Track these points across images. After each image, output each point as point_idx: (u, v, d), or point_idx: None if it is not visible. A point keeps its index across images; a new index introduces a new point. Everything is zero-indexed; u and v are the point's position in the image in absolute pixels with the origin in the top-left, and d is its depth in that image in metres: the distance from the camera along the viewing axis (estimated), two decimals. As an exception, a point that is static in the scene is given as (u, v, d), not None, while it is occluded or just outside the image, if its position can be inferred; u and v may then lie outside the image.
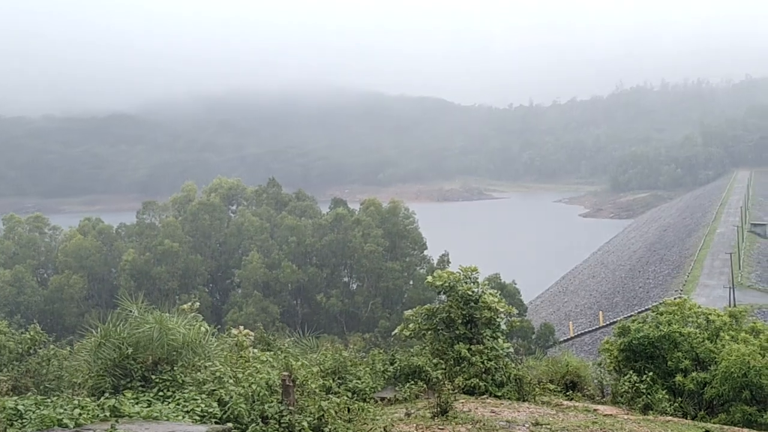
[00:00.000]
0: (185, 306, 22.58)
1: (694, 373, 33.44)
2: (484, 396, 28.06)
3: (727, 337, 35.63)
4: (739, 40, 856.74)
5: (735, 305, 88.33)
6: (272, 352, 24.44)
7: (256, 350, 24.07)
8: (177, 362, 20.02)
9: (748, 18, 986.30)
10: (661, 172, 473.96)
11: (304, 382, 20.26)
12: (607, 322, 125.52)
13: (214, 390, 18.76)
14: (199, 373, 19.63)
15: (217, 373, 19.44)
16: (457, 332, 30.64)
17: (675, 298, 42.89)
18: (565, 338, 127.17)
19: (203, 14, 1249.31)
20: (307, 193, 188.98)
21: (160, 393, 18.68)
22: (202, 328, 21.48)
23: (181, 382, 19.20)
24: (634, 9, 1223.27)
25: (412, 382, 27.27)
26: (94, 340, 20.38)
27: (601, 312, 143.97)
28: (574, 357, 36.26)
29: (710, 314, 38.92)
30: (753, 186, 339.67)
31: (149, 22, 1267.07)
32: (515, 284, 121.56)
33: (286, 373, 19.40)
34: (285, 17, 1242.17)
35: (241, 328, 25.02)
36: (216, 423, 17.33)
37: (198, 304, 23.49)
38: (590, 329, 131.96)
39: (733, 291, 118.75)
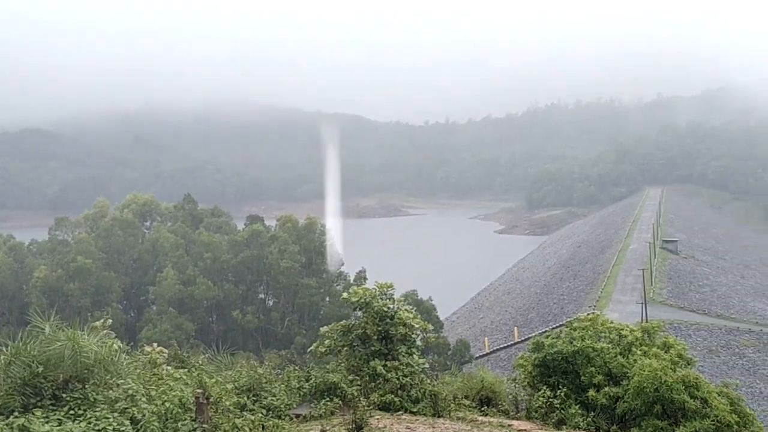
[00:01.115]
0: (98, 323, 22.24)
1: (606, 388, 33.79)
2: (400, 412, 28.08)
3: (639, 352, 36.10)
4: (650, 60, 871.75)
5: (647, 320, 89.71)
6: (186, 370, 24.21)
7: (169, 368, 23.81)
8: (89, 380, 19.69)
9: (658, 39, 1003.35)
10: (575, 189, 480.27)
11: (218, 400, 20.13)
12: (522, 338, 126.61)
13: (127, 408, 18.53)
14: (111, 392, 19.36)
15: (130, 391, 19.20)
16: (373, 348, 30.66)
17: (588, 314, 43.27)
18: (481, 354, 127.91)
19: (118, 27, 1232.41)
20: (223, 209, 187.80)
21: (71, 412, 18.37)
22: (115, 346, 21.17)
23: (92, 400, 18.89)
24: (549, 28, 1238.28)
25: (328, 398, 27.22)
26: (3, 359, 19.98)
27: (516, 328, 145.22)
28: (490, 373, 36.41)
29: (623, 329, 39.41)
30: (664, 203, 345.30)
31: (63, 36, 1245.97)
32: (431, 301, 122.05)
33: (200, 391, 19.27)
34: (202, 31, 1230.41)
35: (155, 345, 24.76)
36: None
37: (111, 321, 23.16)
38: (505, 345, 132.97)
39: (646, 306, 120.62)
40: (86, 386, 19.46)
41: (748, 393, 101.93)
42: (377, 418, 25.36)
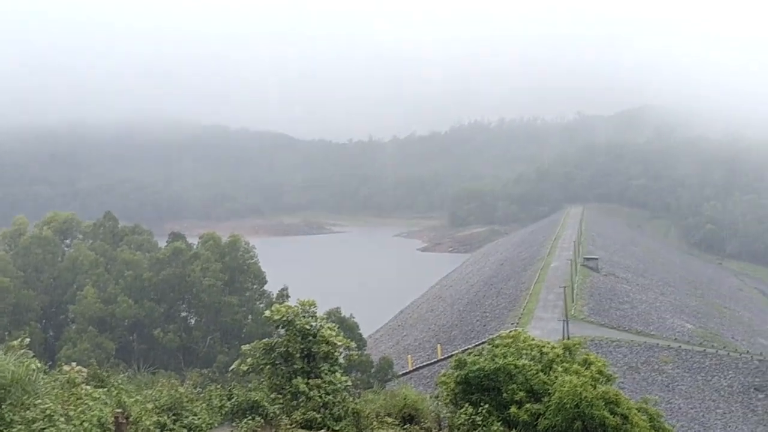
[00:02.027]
0: (15, 342, 21.88)
1: (528, 405, 33.99)
2: (322, 431, 28.01)
3: (560, 369, 36.41)
4: (572, 79, 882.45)
5: (569, 337, 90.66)
6: (106, 389, 23.89)
7: (88, 387, 23.46)
8: (5, 401, 19.35)
9: (580, 58, 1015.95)
10: (497, 207, 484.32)
11: (138, 419, 19.90)
12: (445, 355, 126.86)
13: (44, 429, 18.25)
14: (28, 412, 19.04)
15: (48, 411, 18.90)
16: (296, 366, 30.54)
17: (510, 331, 43.55)
18: (404, 372, 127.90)
19: (34, 44, 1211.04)
20: (144, 227, 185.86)
21: (-13, 432, 18.06)
22: (33, 365, 20.83)
23: (9, 421, 18.58)
24: (471, 45, 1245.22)
25: (250, 417, 27.04)
26: None
27: (439, 345, 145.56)
28: (413, 390, 36.44)
29: (544, 346, 39.72)
30: (585, 221, 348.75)
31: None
32: (354, 318, 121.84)
33: (119, 410, 19.05)
34: (122, 46, 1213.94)
35: (74, 364, 24.40)
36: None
37: (29, 340, 22.80)
38: (429, 362, 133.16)
39: (567, 324, 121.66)
40: (2, 407, 19.13)
41: (667, 409, 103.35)
42: (300, 437, 25.27)
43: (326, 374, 30.47)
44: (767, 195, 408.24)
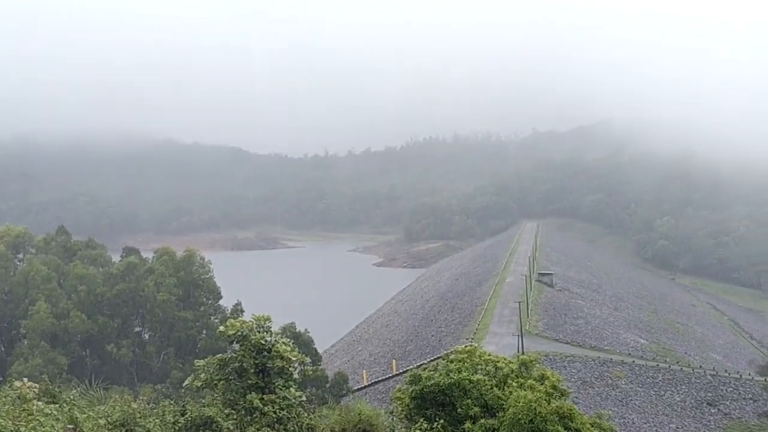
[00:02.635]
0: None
1: (483, 420, 34.05)
2: (277, 446, 27.88)
3: (515, 384, 36.55)
4: (527, 95, 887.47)
5: (523, 353, 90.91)
6: (57, 405, 23.62)
7: (40, 403, 23.20)
8: (-46, 417, 19.12)
9: (535, 73, 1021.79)
10: (453, 222, 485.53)
11: (90, 435, 19.69)
12: (401, 371, 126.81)
13: (-6, 445, 18.03)
14: (-23, 429, 18.82)
15: (-2, 428, 18.68)
16: (250, 382, 30.38)
17: (465, 346, 43.61)
18: (359, 387, 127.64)
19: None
20: (98, 241, 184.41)
21: (-65, 450, 17.81)
22: (-18, 381, 20.59)
23: (-42, 438, 18.35)
24: (425, 62, 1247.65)
25: (203, 432, 26.87)
26: None
27: (394, 360, 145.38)
28: (368, 406, 36.32)
29: (499, 362, 39.88)
30: (540, 236, 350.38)
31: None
32: (309, 333, 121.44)
33: (71, 426, 18.86)
34: (76, 59, 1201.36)
35: (25, 380, 24.13)
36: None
37: (-21, 355, 22.56)
38: (384, 378, 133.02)
39: (522, 339, 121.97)
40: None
41: (620, 424, 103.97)
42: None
43: (281, 390, 30.34)
44: (720, 211, 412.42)
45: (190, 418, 27.55)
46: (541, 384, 37.32)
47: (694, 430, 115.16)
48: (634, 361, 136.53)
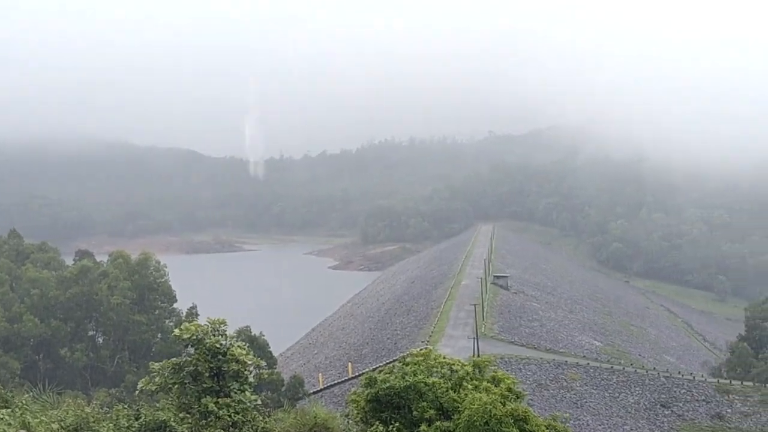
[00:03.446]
0: None
1: (438, 423, 34.06)
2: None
3: (470, 387, 36.59)
4: (483, 99, 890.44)
5: (479, 355, 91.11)
6: (9, 410, 23.41)
7: (-8, 408, 22.99)
8: None
9: (490, 77, 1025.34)
10: (409, 225, 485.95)
11: (42, 440, 19.53)
12: (356, 374, 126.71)
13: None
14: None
15: (-52, 433, 18.48)
16: (205, 386, 30.23)
17: (421, 349, 43.73)
18: (315, 390, 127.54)
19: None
20: (51, 244, 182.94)
21: None
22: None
23: None
24: (382, 65, 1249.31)
25: (158, 437, 26.71)
26: None
27: (350, 363, 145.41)
28: (323, 409, 36.26)
29: (454, 364, 39.93)
30: (496, 239, 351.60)
31: None
32: (265, 336, 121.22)
33: (23, 431, 18.69)
34: (30, 60, 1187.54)
35: (-24, 385, 23.88)
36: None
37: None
38: (340, 381, 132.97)
39: (477, 341, 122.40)
40: None
41: (575, 426, 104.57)
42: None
43: (236, 393, 30.22)
44: (673, 214, 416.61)
45: (144, 423, 27.37)
46: (497, 386, 37.40)
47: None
48: (588, 363, 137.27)
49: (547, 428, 34.96)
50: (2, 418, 21.27)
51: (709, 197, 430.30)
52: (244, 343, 32.97)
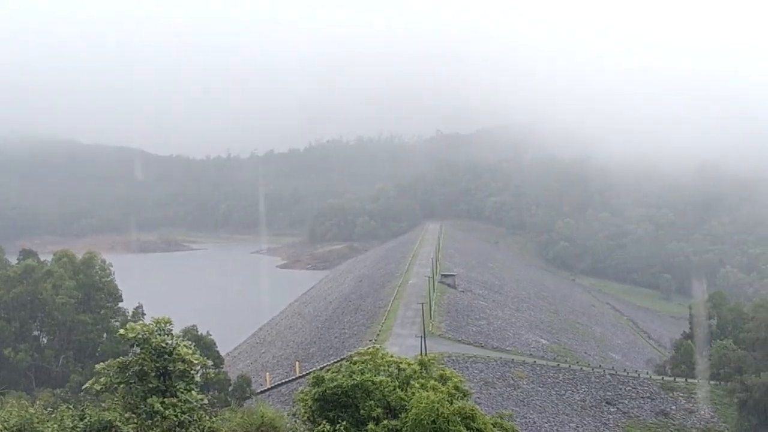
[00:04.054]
0: None
1: (385, 421, 34.16)
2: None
3: (417, 385, 36.74)
4: (430, 98, 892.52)
5: (426, 354, 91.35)
6: (-49, 411, 23.14)
7: (-67, 409, 22.70)
8: None
9: (439, 76, 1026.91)
10: (356, 224, 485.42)
11: (-15, 442, 19.32)
12: (304, 373, 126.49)
13: None
14: None
15: None
16: (151, 385, 30.08)
17: (368, 348, 43.84)
18: (263, 389, 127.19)
19: None
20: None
21: None
22: None
23: None
24: (329, 63, 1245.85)
25: (103, 437, 26.50)
26: None
27: (297, 362, 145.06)
28: (270, 408, 36.25)
29: (402, 363, 40.08)
30: (443, 238, 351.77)
31: None
32: (211, 336, 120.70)
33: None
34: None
35: None
36: None
37: None
38: (287, 380, 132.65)
39: (425, 340, 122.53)
40: None
41: (522, 423, 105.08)
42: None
43: (182, 393, 30.10)
44: (619, 213, 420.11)
45: (89, 423, 27.17)
46: (444, 385, 37.56)
47: (594, 429, 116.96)
48: (535, 362, 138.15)
49: (494, 426, 35.20)
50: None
51: (654, 197, 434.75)
52: (190, 343, 32.87)
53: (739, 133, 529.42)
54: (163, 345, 30.81)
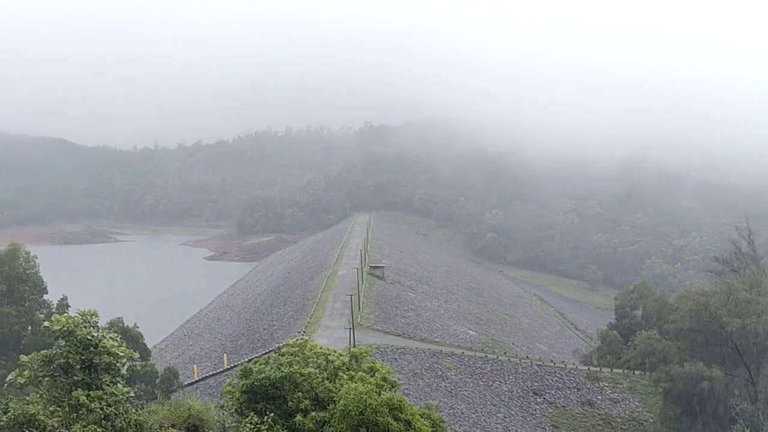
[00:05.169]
0: None
1: (313, 413, 34.13)
2: (103, 443, 27.32)
3: (346, 377, 36.76)
4: (359, 89, 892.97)
5: (355, 345, 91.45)
6: None
7: None
8: None
9: (369, 68, 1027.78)
10: (285, 215, 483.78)
11: None
12: (232, 365, 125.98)
13: None
14: None
15: None
16: (76, 378, 29.69)
17: (297, 340, 43.70)
18: (190, 382, 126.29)
19: None
20: None
21: None
22: None
23: None
24: (258, 55, 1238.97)
25: (27, 431, 26.11)
26: None
27: (225, 354, 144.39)
28: (198, 400, 36.05)
29: (330, 354, 40.09)
30: (372, 229, 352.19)
31: None
32: (138, 328, 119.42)
33: None
34: None
35: None
36: None
37: None
38: (215, 372, 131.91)
39: (354, 332, 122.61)
40: None
41: (449, 414, 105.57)
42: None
43: (108, 386, 29.75)
44: (547, 205, 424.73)
45: (12, 417, 26.76)
46: (372, 376, 37.61)
47: (521, 419, 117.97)
48: (463, 353, 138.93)
49: (422, 417, 35.32)
50: None
51: (580, 188, 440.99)
52: (116, 335, 32.52)
53: (661, 126, 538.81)
54: (89, 337, 30.41)
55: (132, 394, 31.20)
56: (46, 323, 31.93)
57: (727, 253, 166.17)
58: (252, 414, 33.82)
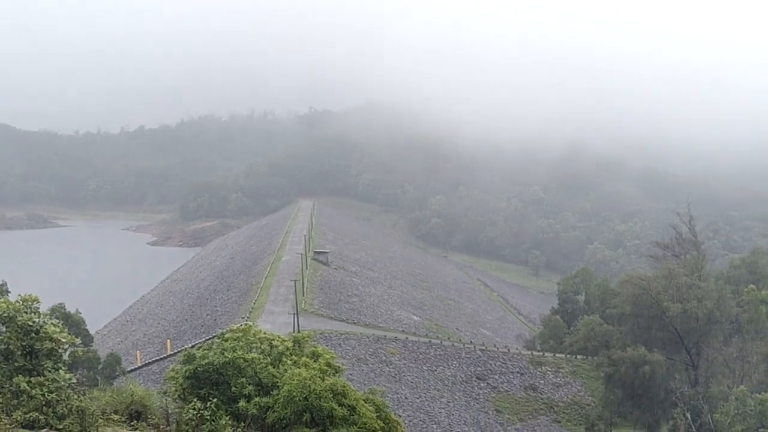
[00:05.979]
0: None
1: (257, 398, 34.07)
2: (45, 430, 27.08)
3: (290, 362, 36.73)
4: (303, 74, 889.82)
5: (299, 331, 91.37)
6: None
7: None
8: None
9: (311, 53, 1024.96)
10: (229, 200, 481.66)
11: None
12: (175, 351, 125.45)
13: None
14: None
15: None
16: (17, 364, 29.38)
17: (240, 325, 43.55)
18: (133, 368, 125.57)
19: None
20: None
21: None
22: None
23: None
24: (202, 39, 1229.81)
25: (-35, 419, 25.81)
26: None
27: (169, 340, 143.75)
28: (141, 387, 35.77)
29: (274, 340, 39.98)
30: (316, 215, 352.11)
31: None
32: (80, 314, 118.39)
33: None
34: None
35: None
36: None
37: None
38: (158, 358, 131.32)
39: (297, 317, 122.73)
40: None
41: (393, 399, 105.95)
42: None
43: (49, 372, 29.46)
44: (491, 191, 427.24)
45: (-50, 404, 26.45)
46: (316, 362, 37.65)
47: (465, 404, 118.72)
48: (407, 338, 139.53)
49: (366, 402, 35.42)
50: None
51: (523, 173, 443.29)
52: (58, 321, 32.21)
53: (602, 112, 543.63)
54: (30, 323, 30.08)
55: (74, 381, 30.88)
56: (-15, 309, 31.48)
57: (668, 239, 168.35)
58: (195, 400, 33.65)
